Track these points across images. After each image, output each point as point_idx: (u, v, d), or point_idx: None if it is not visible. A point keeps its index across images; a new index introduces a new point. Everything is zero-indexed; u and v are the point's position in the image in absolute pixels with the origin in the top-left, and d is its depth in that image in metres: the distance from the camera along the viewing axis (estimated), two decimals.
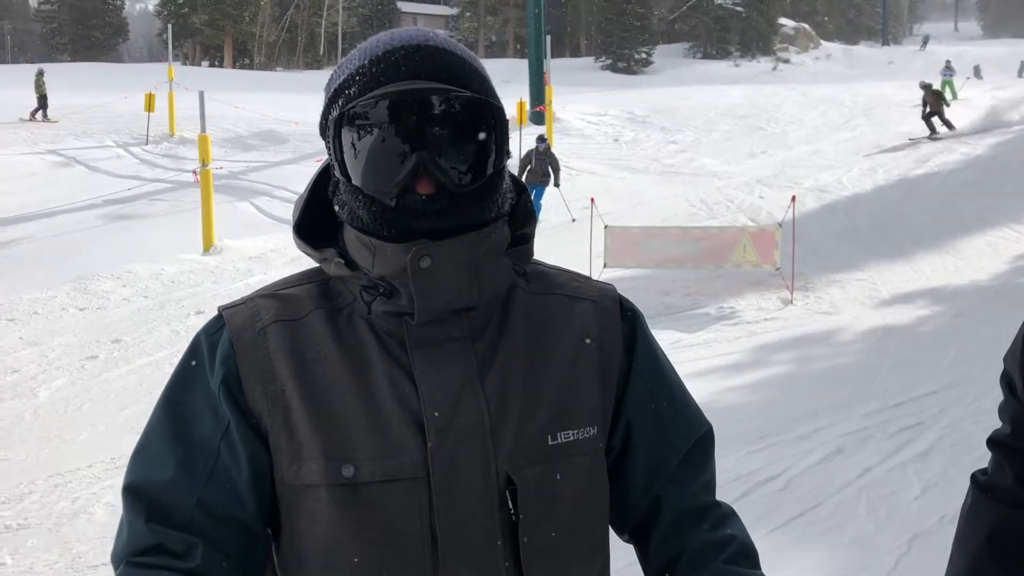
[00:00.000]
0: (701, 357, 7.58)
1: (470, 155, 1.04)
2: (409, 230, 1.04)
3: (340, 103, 1.07)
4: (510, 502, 1.05)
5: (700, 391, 6.21)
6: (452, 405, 1.04)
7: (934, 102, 20.18)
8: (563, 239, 10.72)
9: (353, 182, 1.05)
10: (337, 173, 1.08)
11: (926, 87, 20.41)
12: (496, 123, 1.06)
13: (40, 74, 22.73)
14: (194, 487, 1.04)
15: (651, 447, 1.16)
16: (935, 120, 19.92)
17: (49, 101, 22.43)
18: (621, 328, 1.16)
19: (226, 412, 1.06)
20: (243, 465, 1.05)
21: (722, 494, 1.23)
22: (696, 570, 1.11)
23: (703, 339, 8.26)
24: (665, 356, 1.22)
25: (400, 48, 1.06)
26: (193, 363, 1.09)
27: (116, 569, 1.05)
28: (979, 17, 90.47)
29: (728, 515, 1.18)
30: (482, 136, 1.05)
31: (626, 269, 10.26)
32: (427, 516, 1.03)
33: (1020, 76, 38.04)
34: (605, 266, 9.97)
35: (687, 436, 1.18)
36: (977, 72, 37.03)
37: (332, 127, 1.05)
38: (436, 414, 1.04)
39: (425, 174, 1.02)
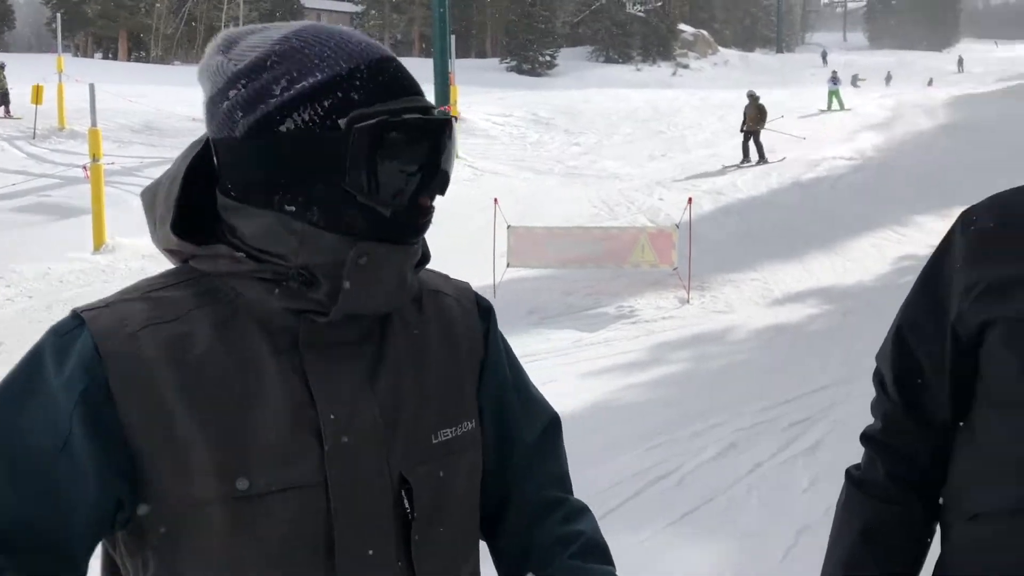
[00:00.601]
0: (601, 356, 7.68)
1: (451, 171, 1.07)
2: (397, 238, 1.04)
3: (330, 105, 0.99)
4: (406, 501, 1.04)
5: (599, 390, 6.34)
6: (347, 407, 1.02)
7: (755, 118, 18.18)
8: (468, 239, 10.70)
9: (359, 190, 0.99)
10: (347, 179, 0.99)
11: (753, 98, 18.64)
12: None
13: (1, 68, 21.50)
14: (16, 502, 0.92)
15: (498, 440, 1.18)
16: (751, 144, 18.14)
17: (11, 97, 21.06)
18: (479, 325, 1.19)
19: (68, 425, 0.93)
20: (88, 486, 0.94)
21: (618, 491, 1.26)
22: (543, 566, 1.12)
23: (603, 338, 8.38)
24: (511, 349, 1.24)
25: (387, 59, 1.04)
26: (34, 368, 0.97)
27: None
28: (865, 28, 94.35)
29: (579, 510, 1.19)
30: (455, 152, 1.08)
31: (529, 269, 10.32)
32: (324, 522, 1.00)
33: (887, 85, 40.17)
34: (508, 266, 10.00)
35: (532, 427, 1.20)
36: (854, 81, 38.97)
37: (355, 134, 0.98)
38: (332, 416, 1.01)
39: (430, 190, 1.04)
